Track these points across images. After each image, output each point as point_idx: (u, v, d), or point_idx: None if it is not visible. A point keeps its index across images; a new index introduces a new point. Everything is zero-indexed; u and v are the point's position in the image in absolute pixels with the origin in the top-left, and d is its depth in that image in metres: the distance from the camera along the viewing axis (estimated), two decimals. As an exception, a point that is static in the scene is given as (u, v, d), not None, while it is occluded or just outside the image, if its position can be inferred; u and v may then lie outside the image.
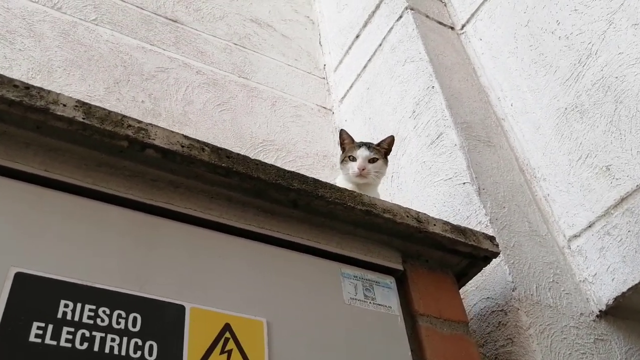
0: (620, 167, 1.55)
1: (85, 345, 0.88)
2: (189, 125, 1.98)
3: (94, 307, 0.92)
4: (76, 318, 0.89)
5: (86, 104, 1.06)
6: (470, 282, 1.52)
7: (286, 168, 1.23)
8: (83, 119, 1.03)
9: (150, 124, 1.11)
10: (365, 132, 2.14)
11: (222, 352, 0.97)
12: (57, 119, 1.02)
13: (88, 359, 0.86)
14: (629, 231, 1.48)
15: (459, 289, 1.41)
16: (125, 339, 0.91)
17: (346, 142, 1.63)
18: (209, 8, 2.52)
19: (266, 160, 2.02)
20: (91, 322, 0.90)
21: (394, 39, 2.19)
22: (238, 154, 1.17)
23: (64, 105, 1.03)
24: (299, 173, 1.22)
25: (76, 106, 1.04)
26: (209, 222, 1.13)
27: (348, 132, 1.65)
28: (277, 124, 2.22)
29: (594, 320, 1.50)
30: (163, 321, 0.96)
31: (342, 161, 1.60)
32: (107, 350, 0.88)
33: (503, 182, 1.73)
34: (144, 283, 0.99)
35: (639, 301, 1.51)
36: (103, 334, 0.90)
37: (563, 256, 1.62)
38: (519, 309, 1.42)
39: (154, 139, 1.08)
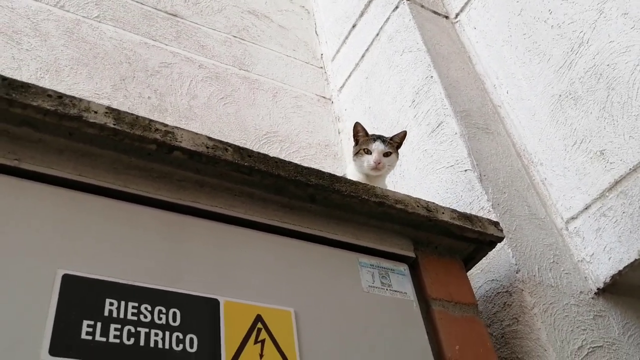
0: (614, 151, 1.63)
1: (132, 340, 0.94)
2: (195, 120, 2.03)
3: (136, 304, 0.98)
4: (121, 315, 0.95)
5: (115, 110, 1.11)
6: (476, 266, 1.60)
7: (290, 159, 1.30)
8: (114, 125, 1.08)
9: (177, 127, 1.16)
10: (365, 122, 2.19)
11: (256, 341, 1.04)
12: (90, 125, 1.07)
13: (135, 353, 0.93)
14: (623, 212, 1.57)
15: (466, 272, 1.49)
16: (167, 334, 0.97)
17: (360, 135, 1.69)
18: (207, 1, 2.55)
19: (270, 152, 2.09)
20: (135, 318, 0.96)
21: (391, 29, 2.24)
22: (259, 153, 1.23)
23: (96, 112, 1.08)
24: (315, 169, 1.28)
25: (107, 113, 1.09)
26: (233, 219, 1.19)
27: (363, 125, 1.70)
28: (279, 115, 2.27)
29: (592, 298, 1.59)
30: (200, 315, 1.02)
31: (357, 153, 1.66)
32: (152, 344, 0.95)
33: (502, 168, 1.80)
34: (179, 280, 1.05)
35: (634, 278, 1.60)
36: (147, 329, 0.96)
37: (562, 237, 1.71)
38: (523, 290, 1.50)
39: (180, 142, 1.14)
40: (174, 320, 0.99)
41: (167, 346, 0.96)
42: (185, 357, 0.96)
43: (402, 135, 1.68)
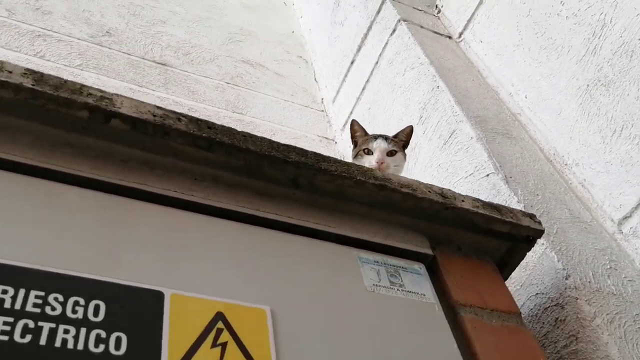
0: (664, 130, 1.36)
1: (28, 337, 0.66)
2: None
3: (42, 293, 0.71)
4: (16, 306, 0.68)
5: (37, 72, 0.90)
6: (513, 279, 1.30)
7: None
8: (32, 85, 0.87)
9: (116, 94, 0.94)
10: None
11: (214, 345, 0.75)
12: (1, 86, 0.85)
13: (32, 355, 0.65)
14: (689, 197, 1.27)
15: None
16: (83, 331, 0.69)
17: (358, 135, 1.45)
18: (198, 52, 2.43)
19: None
20: (37, 310, 0.69)
21: (390, 53, 2.06)
22: (222, 125, 0.99)
23: (10, 72, 0.87)
24: (296, 146, 1.04)
25: (25, 73, 0.88)
26: (193, 205, 0.94)
27: (360, 123, 1.47)
28: (276, 155, 2.05)
29: (668, 308, 1.26)
30: (135, 310, 0.75)
31: (356, 156, 1.41)
32: (58, 343, 0.67)
33: (531, 172, 1.53)
34: (112, 267, 0.78)
35: None
36: (53, 325, 0.68)
37: (616, 242, 1.40)
38: (577, 298, 1.18)
39: (119, 108, 0.91)
40: (96, 314, 0.72)
41: (80, 347, 0.68)
42: (108, 361, 0.68)
43: (408, 131, 1.44)
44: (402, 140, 1.42)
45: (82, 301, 0.72)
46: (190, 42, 2.47)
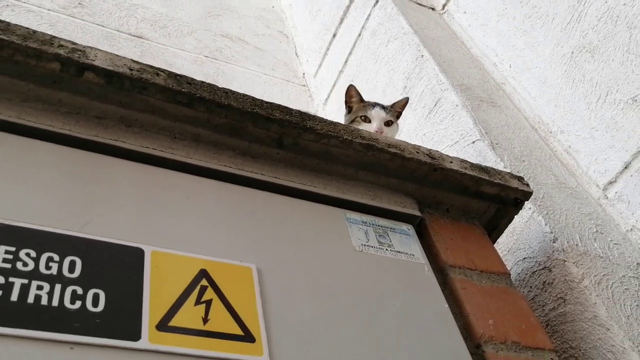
0: (650, 94, 1.35)
1: (-1, 293, 0.62)
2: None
3: (12, 248, 0.67)
4: (-15, 261, 0.64)
5: (3, 21, 0.84)
6: (500, 244, 1.28)
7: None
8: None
9: (90, 46, 0.89)
10: (354, 123, 1.93)
11: (198, 302, 0.72)
12: (-36, 35, 0.80)
13: (3, 311, 0.61)
14: (675, 160, 1.26)
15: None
16: (58, 287, 0.66)
17: (354, 100, 1.42)
18: (175, 25, 2.36)
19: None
20: (8, 266, 0.65)
21: (373, 24, 2.03)
22: (203, 82, 0.95)
23: (-26, 22, 0.82)
24: (280, 104, 1.00)
25: (-10, 23, 0.83)
26: (172, 162, 0.90)
27: (357, 88, 1.43)
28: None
29: (654, 271, 1.25)
30: (113, 267, 0.71)
31: (352, 122, 1.38)
32: (30, 300, 0.63)
33: (517, 139, 1.51)
34: (87, 224, 0.74)
35: (701, 244, 1.27)
36: (25, 281, 0.64)
37: (601, 207, 1.39)
38: (565, 261, 1.17)
39: (93, 60, 0.86)
40: (71, 271, 0.68)
41: (55, 303, 0.64)
42: (85, 317, 0.64)
43: (404, 103, 1.43)
44: (397, 112, 1.41)
45: (56, 257, 0.68)
46: (167, 16, 2.40)
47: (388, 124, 1.36)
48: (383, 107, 1.37)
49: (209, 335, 0.68)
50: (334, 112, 2.13)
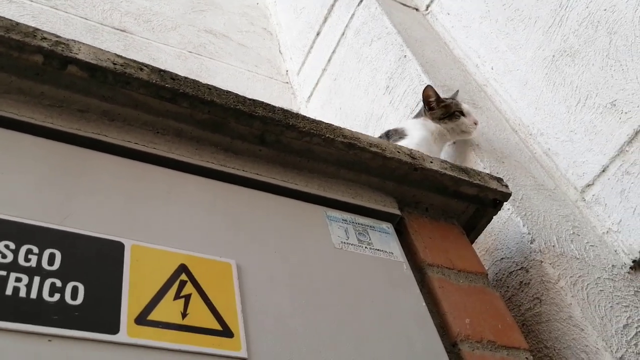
0: (627, 99, 1.37)
1: (-24, 284, 0.62)
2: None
3: (-9, 240, 0.66)
4: (-36, 252, 0.64)
5: (-15, 12, 0.84)
6: (479, 244, 1.30)
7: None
8: (-20, 25, 0.81)
9: (73, 40, 0.89)
10: (336, 122, 1.94)
11: (177, 297, 0.72)
12: (-55, 25, 0.79)
13: (-19, 302, 0.61)
14: (651, 164, 1.29)
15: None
16: (36, 280, 0.65)
17: (433, 100, 1.50)
18: (159, 20, 2.35)
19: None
20: (-14, 257, 0.65)
21: (357, 23, 2.04)
22: (187, 77, 0.95)
23: (-45, 11, 0.81)
24: (263, 101, 1.01)
25: (-28, 13, 0.82)
26: (154, 157, 0.90)
27: (435, 88, 1.51)
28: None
29: (628, 273, 1.28)
30: (93, 260, 0.71)
31: (445, 117, 1.47)
32: (8, 291, 0.63)
33: (497, 140, 1.53)
34: (67, 217, 0.74)
35: (675, 246, 1.29)
36: (3, 273, 0.64)
37: (578, 209, 1.41)
38: (542, 262, 1.19)
39: (77, 53, 0.86)
40: (51, 263, 0.68)
41: (33, 295, 0.64)
42: (63, 310, 0.64)
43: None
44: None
45: (35, 249, 0.68)
46: (151, 10, 2.39)
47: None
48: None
49: (187, 330, 0.69)
50: (317, 109, 2.13)
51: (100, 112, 0.90)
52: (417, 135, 1.41)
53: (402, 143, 1.36)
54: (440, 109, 1.49)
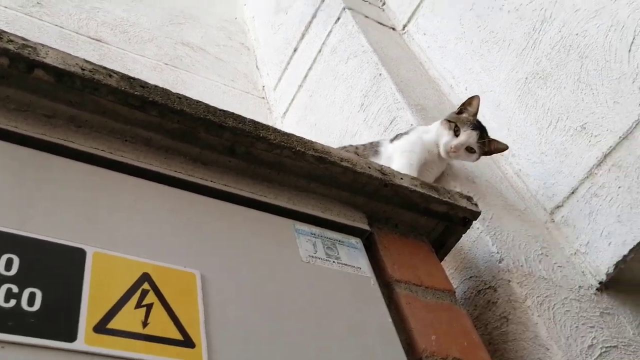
0: (597, 122, 1.40)
1: None
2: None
3: (-56, 244, 0.64)
4: None
5: (-48, 12, 0.82)
6: (448, 262, 1.30)
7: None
8: (-55, 25, 0.79)
9: (41, 43, 0.88)
10: (311, 138, 1.94)
11: (138, 305, 0.71)
12: None
13: None
14: (619, 187, 1.31)
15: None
16: (-8, 285, 0.63)
17: (469, 109, 1.42)
18: (136, 31, 2.34)
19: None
20: (-60, 261, 0.63)
21: (334, 41, 2.05)
22: (157, 85, 0.94)
23: None
24: (233, 112, 1.00)
25: (-63, 12, 0.80)
26: (122, 165, 0.89)
27: (479, 103, 1.43)
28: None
29: (595, 294, 1.29)
30: (53, 266, 0.69)
31: (449, 120, 1.40)
32: (-39, 297, 0.61)
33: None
34: (27, 222, 0.72)
35: (640, 270, 1.31)
36: (-43, 277, 0.62)
37: (547, 230, 1.42)
38: (510, 281, 1.19)
39: (44, 57, 0.85)
40: (8, 268, 0.66)
41: (-13, 301, 0.62)
42: (19, 316, 0.62)
43: (499, 147, 1.43)
44: (489, 149, 1.40)
45: (-9, 254, 0.66)
46: (128, 21, 2.38)
47: (471, 150, 1.37)
48: (482, 134, 1.38)
49: (147, 339, 0.67)
50: (292, 125, 2.13)
51: (67, 117, 0.89)
52: (430, 134, 1.43)
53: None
54: (457, 114, 1.43)
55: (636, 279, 1.35)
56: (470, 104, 1.44)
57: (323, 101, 2.01)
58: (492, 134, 1.63)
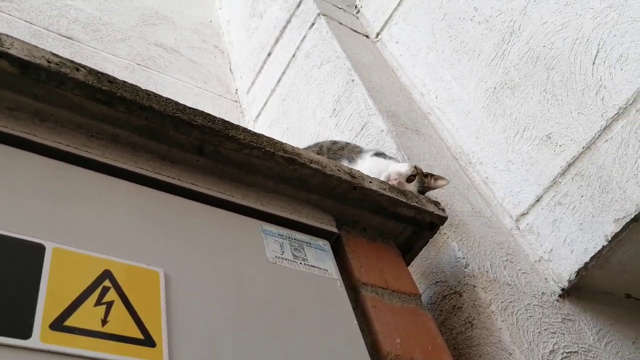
0: (562, 132, 1.42)
1: None
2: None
3: None
4: None
5: None
6: (414, 267, 1.31)
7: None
8: None
9: (6, 35, 0.86)
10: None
11: (98, 303, 0.69)
12: None
13: None
14: (582, 196, 1.34)
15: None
16: (-55, 279, 0.62)
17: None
18: (108, 30, 2.31)
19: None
20: None
21: (308, 46, 2.06)
22: (125, 81, 0.93)
23: None
24: (204, 111, 0.99)
25: None
26: (87, 161, 0.87)
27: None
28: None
29: (557, 300, 1.31)
30: (9, 261, 0.67)
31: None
32: None
33: (437, 167, 1.56)
34: (-15, 215, 0.70)
35: (602, 278, 1.34)
36: None
37: (513, 237, 1.44)
38: (475, 286, 1.21)
39: (8, 48, 0.83)
40: (-38, 263, 0.64)
41: (-61, 295, 0.60)
42: (-29, 312, 0.60)
43: (441, 185, 1.36)
44: (429, 185, 1.34)
45: (-54, 247, 0.64)
46: (101, 20, 2.35)
47: (410, 180, 1.30)
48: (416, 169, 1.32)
49: (106, 337, 0.66)
50: (264, 129, 2.13)
51: (32, 111, 0.87)
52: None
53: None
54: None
55: (597, 286, 1.38)
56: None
57: (296, 105, 2.01)
58: (461, 141, 1.65)
